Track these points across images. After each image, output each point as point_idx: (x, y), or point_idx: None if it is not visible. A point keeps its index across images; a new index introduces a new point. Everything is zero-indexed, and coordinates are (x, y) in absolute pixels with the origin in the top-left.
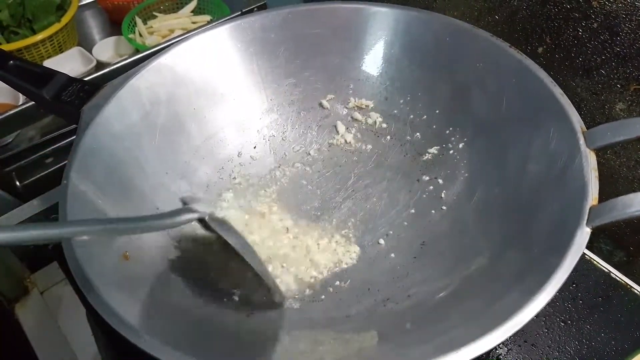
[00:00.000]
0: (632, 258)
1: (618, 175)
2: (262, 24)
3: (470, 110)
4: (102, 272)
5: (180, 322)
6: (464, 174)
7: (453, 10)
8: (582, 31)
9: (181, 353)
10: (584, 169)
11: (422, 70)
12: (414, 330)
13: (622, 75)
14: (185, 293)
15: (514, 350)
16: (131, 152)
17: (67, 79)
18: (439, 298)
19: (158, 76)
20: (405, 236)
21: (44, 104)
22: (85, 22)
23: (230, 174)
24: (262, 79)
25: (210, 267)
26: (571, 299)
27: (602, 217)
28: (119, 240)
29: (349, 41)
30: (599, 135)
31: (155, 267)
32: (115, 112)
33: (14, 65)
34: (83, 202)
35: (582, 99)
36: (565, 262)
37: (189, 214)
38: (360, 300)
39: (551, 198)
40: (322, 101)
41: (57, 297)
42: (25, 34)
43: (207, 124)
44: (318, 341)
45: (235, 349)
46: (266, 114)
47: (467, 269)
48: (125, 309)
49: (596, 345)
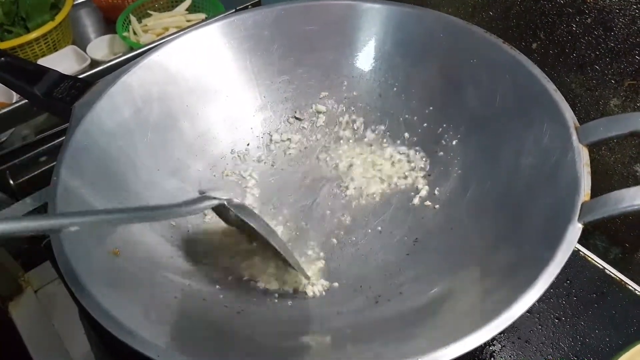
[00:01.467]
0: (627, 255)
1: (613, 171)
2: (255, 20)
3: (463, 106)
4: (91, 269)
5: (170, 320)
6: (457, 170)
7: (447, 7)
8: (576, 27)
9: (170, 350)
10: (576, 164)
11: (415, 66)
12: (406, 326)
13: (616, 71)
14: (175, 290)
15: (507, 347)
16: (123, 149)
17: (59, 75)
18: (431, 294)
19: (150, 73)
20: (398, 233)
21: (35, 100)
22: (79, 21)
23: (223, 171)
24: (255, 76)
25: (200, 261)
26: (565, 296)
27: (594, 212)
28: (108, 236)
29: (342, 38)
30: (591, 131)
31: (145, 264)
32: (106, 109)
33: (6, 62)
34: (73, 199)
35: (577, 94)
36: (556, 257)
37: (208, 201)
38: (352, 297)
39: (543, 193)
40: (315, 98)
41: (51, 296)
42: (19, 33)
43: (200, 121)
44: (309, 338)
45: (226, 346)
46: (259, 111)
47: (460, 265)
48: (115, 306)
49: (590, 341)
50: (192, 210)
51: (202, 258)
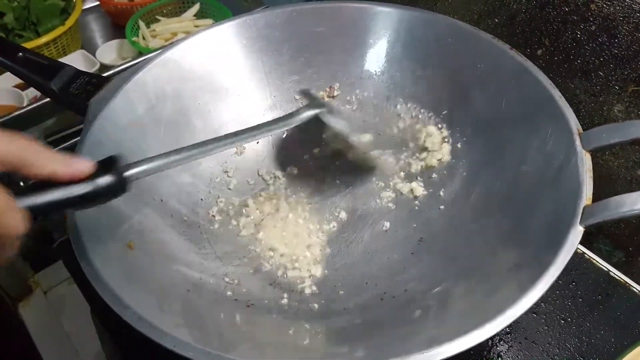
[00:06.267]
0: (631, 258)
1: (616, 176)
2: (267, 21)
3: (470, 109)
4: (108, 262)
5: (183, 312)
6: (462, 172)
7: (453, 13)
8: (581, 34)
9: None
10: (579, 169)
11: (423, 69)
12: (410, 323)
13: (620, 77)
14: (187, 283)
15: (514, 347)
16: (136, 145)
17: (75, 71)
18: (435, 292)
19: (164, 71)
20: (403, 232)
21: (52, 96)
22: (88, 26)
23: (234, 169)
24: (266, 76)
25: (210, 255)
26: (571, 297)
27: (595, 216)
28: (123, 228)
29: (352, 40)
30: (594, 138)
31: (159, 257)
32: (121, 105)
33: (23, 57)
34: None
35: (581, 100)
36: (558, 260)
37: (311, 110)
38: (358, 293)
39: (546, 197)
40: (325, 99)
41: (61, 297)
42: (30, 37)
43: (212, 118)
44: (314, 332)
45: (236, 338)
46: (269, 110)
47: (463, 265)
48: (131, 298)
49: (596, 342)
50: (301, 119)
51: (213, 252)
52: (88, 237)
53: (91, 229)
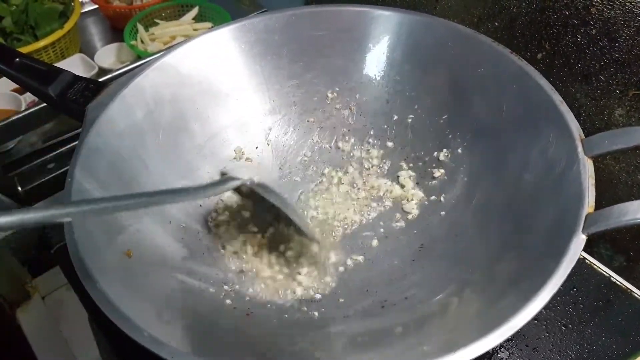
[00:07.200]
0: (632, 263)
1: (617, 180)
2: (266, 25)
3: (470, 114)
4: (105, 270)
5: (182, 321)
6: (463, 178)
7: (453, 17)
8: (581, 37)
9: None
10: (581, 176)
11: (423, 74)
12: (411, 332)
13: (620, 81)
14: (185, 291)
15: (515, 354)
16: (135, 151)
17: (72, 77)
18: (435, 300)
19: (162, 75)
20: (403, 239)
21: (50, 101)
22: (87, 29)
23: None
24: (265, 80)
25: (209, 263)
26: (572, 303)
27: (597, 224)
28: (121, 236)
29: (352, 44)
30: (596, 144)
31: (156, 265)
32: (119, 111)
33: (20, 63)
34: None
35: (582, 104)
36: (560, 268)
37: (231, 182)
38: (359, 300)
39: (548, 204)
40: (324, 103)
41: (58, 302)
42: (29, 41)
43: (210, 123)
44: (315, 341)
45: (235, 347)
46: (269, 115)
47: (464, 272)
48: (128, 307)
49: (597, 348)
50: (217, 191)
51: (212, 260)
52: (85, 245)
53: (89, 238)
